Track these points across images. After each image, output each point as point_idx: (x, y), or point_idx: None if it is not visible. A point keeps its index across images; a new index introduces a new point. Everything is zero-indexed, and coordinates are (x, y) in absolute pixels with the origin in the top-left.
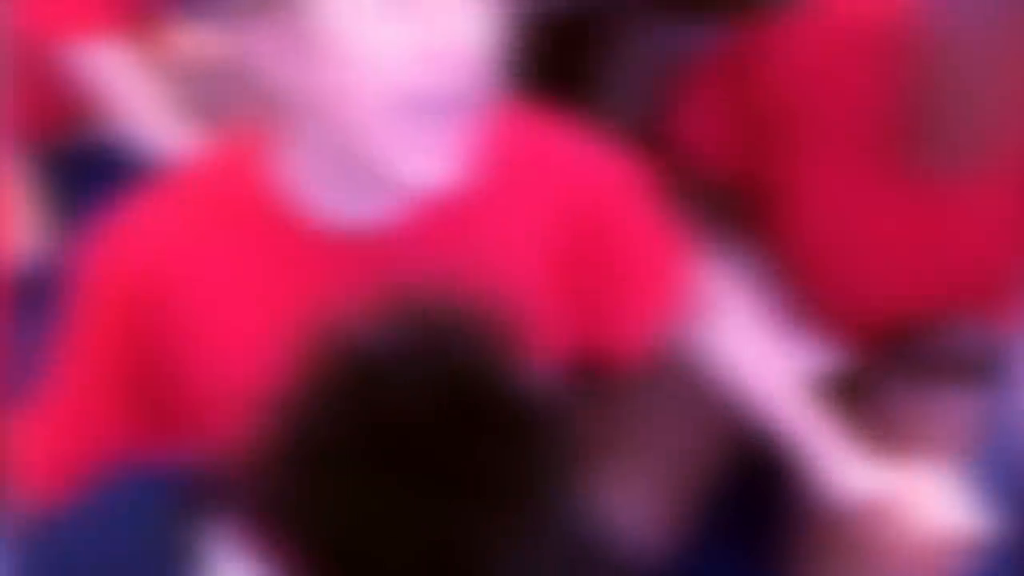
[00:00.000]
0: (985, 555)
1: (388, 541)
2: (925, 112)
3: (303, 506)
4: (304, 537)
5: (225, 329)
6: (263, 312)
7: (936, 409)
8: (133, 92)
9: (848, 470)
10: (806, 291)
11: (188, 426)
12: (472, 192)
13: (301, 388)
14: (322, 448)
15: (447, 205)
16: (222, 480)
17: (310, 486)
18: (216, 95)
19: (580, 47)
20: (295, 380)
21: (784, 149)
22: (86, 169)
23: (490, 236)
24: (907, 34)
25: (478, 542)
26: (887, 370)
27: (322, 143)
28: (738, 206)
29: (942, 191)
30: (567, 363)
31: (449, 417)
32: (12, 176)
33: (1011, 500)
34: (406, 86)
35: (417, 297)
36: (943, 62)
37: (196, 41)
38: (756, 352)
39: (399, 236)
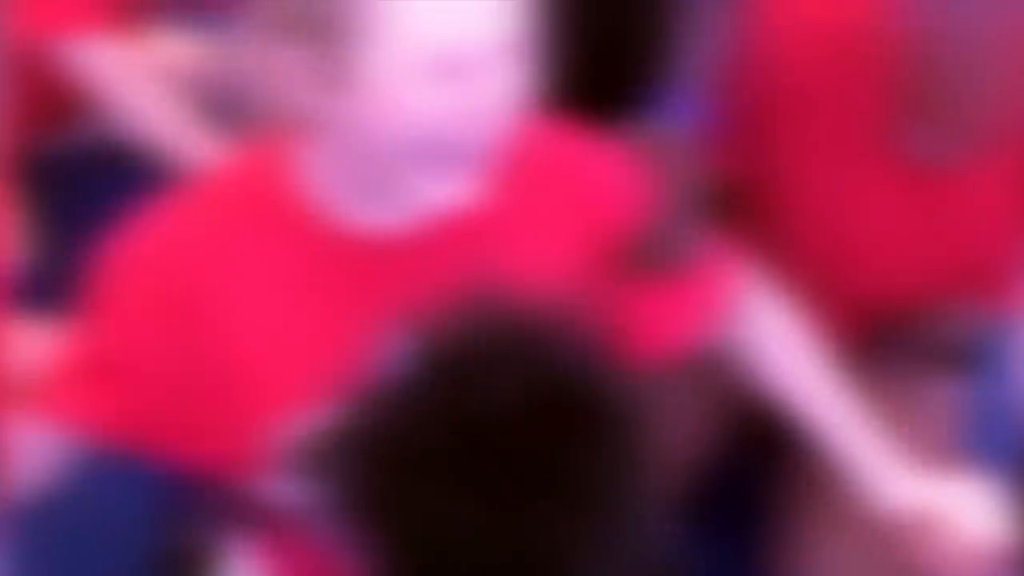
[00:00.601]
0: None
1: (471, 543)
2: (920, 98)
3: (387, 507)
4: (385, 538)
5: (256, 330)
6: (294, 315)
7: (928, 395)
8: (131, 88)
9: (890, 479)
10: (805, 280)
11: (208, 427)
12: (497, 200)
13: (390, 389)
14: (409, 449)
15: (472, 212)
16: (232, 489)
17: (395, 487)
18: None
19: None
20: (381, 382)
21: (780, 139)
22: (81, 169)
23: (515, 242)
24: (900, 21)
25: (562, 544)
26: (880, 356)
27: (342, 155)
28: (737, 199)
29: (939, 177)
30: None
31: (537, 419)
32: (4, 178)
33: (1004, 486)
34: (434, 138)
35: (496, 300)
36: (937, 49)
37: (178, 49)
38: (796, 353)
39: (424, 241)
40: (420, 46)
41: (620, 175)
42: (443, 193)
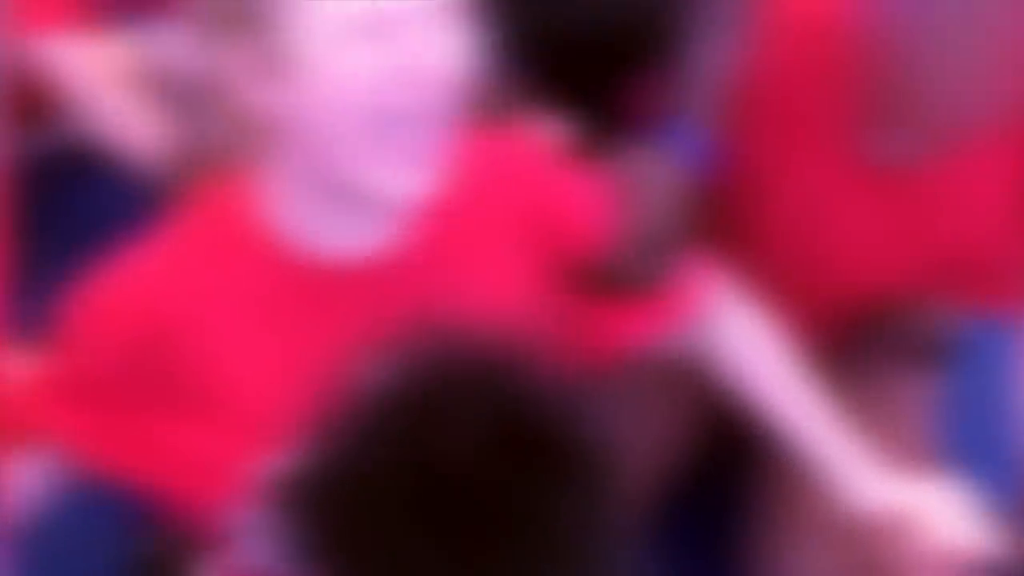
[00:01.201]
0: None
1: None
2: (888, 100)
3: (349, 547)
4: None
5: (225, 362)
6: (262, 346)
7: (903, 394)
8: (100, 88)
9: (863, 481)
10: (778, 281)
11: (179, 457)
12: (449, 211)
13: (347, 429)
14: (367, 489)
15: (427, 227)
16: (199, 519)
17: (357, 527)
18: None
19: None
20: (341, 422)
21: (752, 141)
22: (52, 171)
23: (471, 254)
24: (867, 24)
25: None
26: (855, 355)
27: (298, 162)
28: (710, 202)
29: (909, 177)
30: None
31: (500, 458)
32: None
33: (993, 485)
34: (377, 105)
35: (455, 335)
36: (905, 51)
37: (134, 50)
38: (768, 357)
39: (387, 263)
40: (340, 11)
41: (586, 191)
42: (399, 186)
